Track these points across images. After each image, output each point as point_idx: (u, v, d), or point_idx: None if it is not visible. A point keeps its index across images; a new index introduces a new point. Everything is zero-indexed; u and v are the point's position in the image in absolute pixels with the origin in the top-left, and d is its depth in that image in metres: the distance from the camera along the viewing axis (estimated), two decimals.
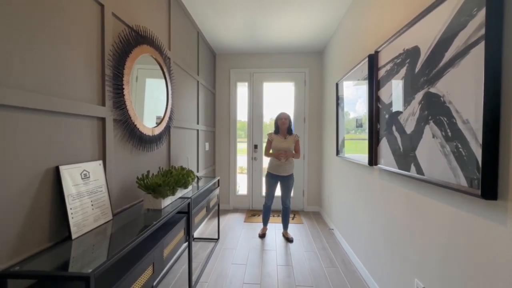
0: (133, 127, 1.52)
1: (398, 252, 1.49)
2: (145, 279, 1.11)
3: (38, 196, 0.94)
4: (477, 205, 0.93)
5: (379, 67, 1.70)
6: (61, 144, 1.04)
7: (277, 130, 2.73)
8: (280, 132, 2.70)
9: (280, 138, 2.68)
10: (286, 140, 2.66)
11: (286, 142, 2.66)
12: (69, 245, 0.98)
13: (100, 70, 1.26)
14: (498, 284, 0.83)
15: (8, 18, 0.82)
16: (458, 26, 0.98)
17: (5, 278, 0.78)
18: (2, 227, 0.81)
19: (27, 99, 0.87)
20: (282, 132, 2.69)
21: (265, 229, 2.84)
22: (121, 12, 1.42)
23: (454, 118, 1.00)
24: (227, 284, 1.89)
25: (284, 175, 2.66)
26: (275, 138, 2.69)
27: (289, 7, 2.46)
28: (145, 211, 1.43)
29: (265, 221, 2.83)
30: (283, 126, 2.68)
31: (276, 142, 2.67)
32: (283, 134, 2.69)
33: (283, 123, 2.67)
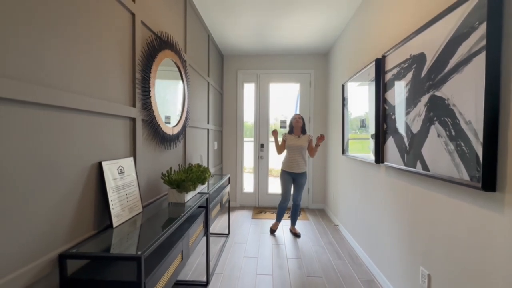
0: (157, 127, 1.63)
1: (404, 243, 1.60)
2: (176, 265, 1.23)
3: (86, 189, 1.05)
4: (477, 197, 1.04)
5: (386, 71, 1.81)
6: (102, 142, 1.15)
7: (291, 130, 2.85)
8: (294, 132, 2.82)
9: (294, 137, 2.79)
10: (300, 139, 2.77)
11: (300, 140, 2.76)
12: (111, 233, 1.09)
13: (131, 74, 1.37)
14: (496, 264, 0.95)
15: (68, 37, 0.93)
16: (462, 36, 1.09)
17: (65, 259, 0.89)
18: (61, 215, 0.92)
19: (79, 102, 0.98)
20: (296, 131, 2.81)
21: (277, 224, 2.90)
22: (148, 20, 1.53)
23: (457, 119, 1.11)
24: (242, 275, 2.01)
25: (298, 172, 2.75)
26: (289, 137, 2.81)
27: (296, 12, 2.56)
28: (169, 205, 1.54)
29: (279, 217, 2.89)
30: (297, 124, 2.79)
31: (290, 140, 2.77)
32: (297, 133, 2.81)
33: (297, 122, 2.79)
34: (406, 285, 1.56)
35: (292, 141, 2.76)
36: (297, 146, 2.73)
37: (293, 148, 2.75)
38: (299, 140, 2.76)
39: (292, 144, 2.75)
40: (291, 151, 2.77)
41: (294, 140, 2.77)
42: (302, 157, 2.76)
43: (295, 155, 2.74)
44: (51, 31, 0.87)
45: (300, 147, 2.74)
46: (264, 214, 3.61)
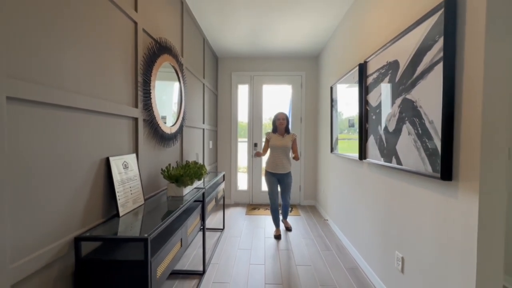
0: (157, 126, 1.76)
1: (382, 230, 1.77)
2: (176, 250, 1.36)
3: (95, 181, 1.17)
4: (438, 186, 1.21)
5: (367, 75, 1.98)
6: (109, 139, 1.27)
7: (275, 129, 2.82)
8: (278, 131, 2.81)
9: (278, 136, 2.77)
10: (284, 138, 2.75)
11: (284, 140, 2.74)
12: (118, 221, 1.22)
13: (134, 77, 1.50)
14: (453, 238, 1.12)
15: (81, 47, 1.05)
16: (427, 47, 1.26)
17: (79, 241, 1.01)
18: (75, 204, 1.04)
19: (91, 103, 1.10)
20: (280, 131, 2.79)
21: (278, 230, 2.78)
22: (149, 27, 1.66)
23: (423, 119, 1.28)
24: (236, 264, 2.14)
25: (282, 173, 2.74)
26: (272, 136, 2.78)
27: (288, 18, 2.72)
28: (168, 198, 1.67)
29: (277, 223, 2.81)
30: (281, 126, 2.78)
31: (273, 140, 2.75)
32: (280, 133, 2.79)
33: (281, 124, 2.77)
34: (384, 269, 1.73)
35: (276, 140, 2.73)
36: (282, 146, 2.71)
37: (277, 148, 2.72)
38: (283, 140, 2.73)
39: (276, 144, 2.71)
40: (275, 151, 2.73)
41: (278, 139, 2.73)
42: (287, 157, 2.75)
43: (280, 155, 2.71)
44: (68, 42, 0.99)
45: (285, 147, 2.71)
46: (257, 210, 3.76)
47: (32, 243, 0.85)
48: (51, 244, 0.92)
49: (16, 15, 0.78)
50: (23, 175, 0.81)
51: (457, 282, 1.10)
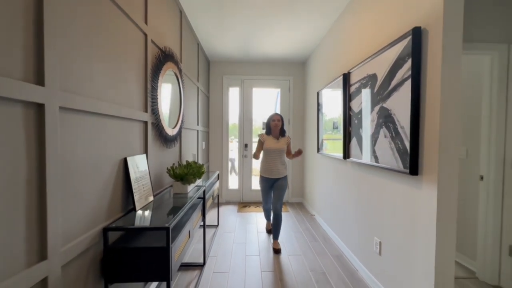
0: (162, 129, 1.90)
1: (363, 220, 2.03)
2: (186, 241, 1.52)
3: (117, 179, 1.31)
4: (408, 180, 1.47)
5: (350, 84, 2.24)
6: (126, 141, 1.41)
7: (269, 131, 2.63)
8: (272, 134, 2.61)
9: (272, 139, 2.58)
10: (279, 141, 2.57)
11: (279, 143, 2.56)
12: (135, 214, 1.36)
13: (144, 85, 1.64)
14: (419, 222, 1.38)
15: (107, 62, 1.19)
16: (399, 64, 1.52)
17: (107, 231, 1.15)
18: (102, 199, 1.18)
19: (114, 109, 1.24)
20: (275, 133, 2.59)
21: (269, 224, 2.92)
22: (156, 38, 1.80)
23: (396, 124, 1.54)
24: (233, 256, 2.32)
25: (277, 178, 2.54)
26: (267, 139, 2.58)
27: (277, 27, 2.94)
28: (174, 195, 1.82)
29: (268, 217, 2.88)
30: (275, 128, 2.57)
31: (268, 143, 2.55)
32: (275, 135, 2.59)
33: (276, 125, 2.56)
34: (365, 253, 1.99)
35: (270, 143, 2.54)
36: (277, 149, 2.52)
37: (271, 152, 2.52)
38: (278, 143, 2.55)
39: (271, 147, 2.52)
40: (269, 154, 2.54)
41: (272, 142, 2.55)
42: (281, 161, 2.56)
43: (274, 159, 2.53)
44: (97, 58, 1.13)
45: (280, 150, 2.53)
46: (248, 208, 3.95)
47: (74, 231, 0.99)
48: (87, 232, 1.06)
49: (61, 40, 0.92)
50: (68, 172, 0.95)
51: (421, 258, 1.36)
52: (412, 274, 1.43)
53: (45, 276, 0.83)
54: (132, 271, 1.16)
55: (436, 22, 1.26)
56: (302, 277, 2.00)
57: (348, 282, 1.93)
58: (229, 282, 1.92)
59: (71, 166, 0.97)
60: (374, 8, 1.89)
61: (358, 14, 2.16)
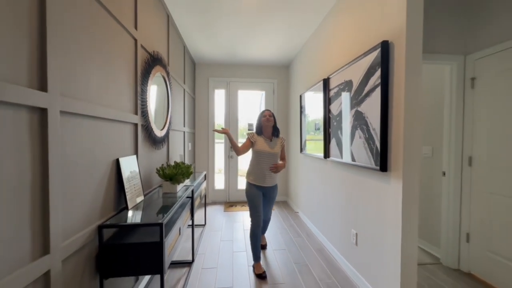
0: (151, 131, 1.95)
1: (342, 214, 2.20)
2: (177, 237, 1.59)
3: (110, 179, 1.36)
4: (379, 176, 1.65)
5: (330, 89, 2.41)
6: (118, 142, 1.47)
7: (260, 130, 2.17)
8: (263, 133, 2.16)
9: (265, 140, 2.13)
10: (272, 143, 2.14)
11: (273, 146, 2.12)
12: (127, 213, 1.42)
13: (134, 88, 1.69)
14: (387, 212, 1.56)
15: (101, 67, 1.24)
16: (371, 73, 1.69)
17: (102, 228, 1.21)
18: (96, 198, 1.24)
19: (108, 112, 1.30)
20: (266, 133, 2.16)
21: (259, 265, 2.06)
22: (145, 43, 1.86)
23: (369, 127, 1.72)
24: (221, 253, 2.41)
25: (270, 186, 2.18)
26: (258, 139, 2.12)
27: (261, 33, 3.07)
28: (164, 194, 1.88)
29: (257, 254, 2.08)
30: (267, 124, 2.13)
31: (260, 145, 2.10)
32: (267, 135, 2.16)
33: (267, 121, 2.13)
34: (343, 244, 2.16)
35: (262, 146, 2.10)
36: (271, 154, 2.10)
37: (264, 155, 2.09)
38: (272, 146, 2.12)
39: (264, 150, 2.09)
40: (261, 158, 2.10)
41: (265, 144, 2.11)
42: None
43: (268, 165, 2.10)
44: (93, 65, 1.19)
45: (274, 155, 2.13)
46: (234, 207, 4.04)
47: (72, 228, 1.04)
48: (83, 230, 1.12)
49: (61, 48, 0.98)
50: (67, 172, 1.01)
51: (390, 244, 1.54)
52: (383, 260, 1.61)
53: (48, 269, 0.89)
54: (127, 265, 1.23)
55: (400, 37, 1.44)
56: (287, 269, 2.13)
57: (328, 272, 2.09)
58: (218, 277, 2.01)
59: (70, 167, 1.03)
60: (350, 21, 2.07)
61: (336, 25, 2.34)
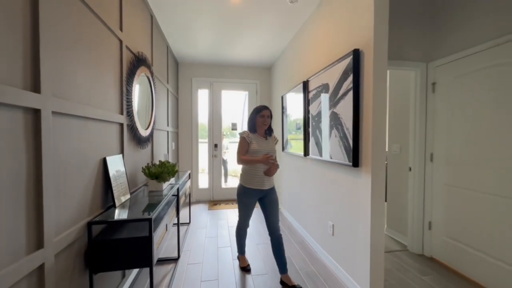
0: (136, 130, 1.99)
1: (320, 208, 2.36)
2: (164, 233, 1.66)
3: (97, 177, 1.40)
4: (352, 171, 1.82)
5: (309, 91, 2.57)
6: (105, 142, 1.50)
7: (253, 128, 2.00)
8: (258, 131, 2.01)
9: (260, 138, 1.98)
10: (268, 142, 2.00)
11: (269, 144, 1.99)
12: (115, 210, 1.46)
13: (120, 88, 1.72)
14: (359, 204, 1.73)
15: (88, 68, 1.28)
16: (345, 77, 1.85)
17: (91, 225, 1.25)
18: (85, 196, 1.27)
19: (96, 112, 1.34)
20: (261, 131, 2.01)
21: (244, 258, 2.16)
22: (130, 43, 1.89)
23: (343, 126, 1.88)
24: (206, 249, 2.49)
25: (268, 188, 1.96)
26: (254, 138, 1.94)
27: (244, 34, 3.17)
28: (149, 192, 1.92)
29: (242, 249, 2.14)
30: (263, 126, 1.99)
31: (257, 144, 1.93)
32: (261, 133, 2.01)
33: (265, 122, 1.97)
34: (321, 236, 2.33)
35: (259, 144, 1.94)
36: (268, 151, 1.93)
37: (261, 155, 1.89)
38: (268, 144, 1.98)
39: (261, 149, 1.92)
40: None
41: (261, 143, 1.95)
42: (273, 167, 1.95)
43: (266, 165, 1.92)
44: (81, 66, 1.23)
45: (272, 153, 1.95)
46: (219, 205, 4.11)
47: (63, 224, 1.08)
48: (73, 226, 1.16)
49: (53, 51, 1.02)
50: (60, 170, 1.05)
51: (361, 233, 1.71)
52: (356, 247, 1.78)
53: (42, 262, 0.93)
54: (116, 260, 1.28)
55: (368, 46, 1.61)
56: (270, 262, 2.25)
57: (308, 261, 2.25)
58: (204, 271, 2.08)
59: (61, 166, 1.07)
60: (327, 28, 2.23)
61: (315, 30, 2.50)
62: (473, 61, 1.93)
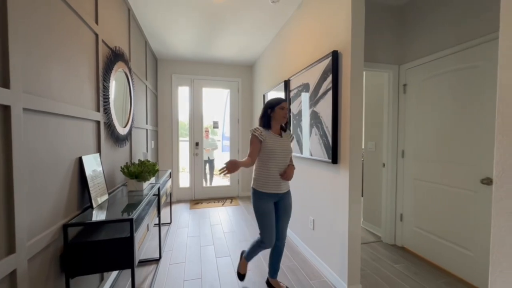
0: (114, 128, 1.91)
1: (302, 204, 2.44)
2: (145, 233, 1.62)
3: (73, 177, 1.33)
4: (331, 167, 1.90)
5: (290, 90, 2.62)
6: (81, 140, 1.43)
7: (268, 123, 1.71)
8: (272, 128, 1.72)
9: (275, 136, 1.69)
10: (283, 139, 1.71)
11: (284, 141, 1.71)
12: (92, 212, 1.40)
13: (96, 85, 1.65)
14: (338, 198, 1.81)
15: (62, 63, 1.21)
16: (324, 77, 1.93)
17: (67, 227, 1.20)
18: (60, 198, 1.21)
19: (70, 109, 1.27)
20: (276, 128, 1.72)
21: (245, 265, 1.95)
22: (107, 38, 1.81)
23: (323, 125, 1.95)
24: (188, 248, 2.46)
25: (285, 192, 1.73)
26: (268, 136, 1.66)
27: (226, 33, 3.16)
28: (129, 192, 1.87)
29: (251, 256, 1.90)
30: (282, 121, 1.71)
31: (272, 142, 1.66)
32: (276, 130, 1.72)
33: (285, 115, 1.70)
34: (302, 231, 2.41)
35: (275, 142, 1.67)
36: (284, 150, 1.69)
37: (278, 154, 1.66)
38: (283, 142, 1.71)
39: (277, 147, 1.66)
40: (275, 159, 1.66)
41: (277, 140, 1.68)
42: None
43: (283, 166, 1.68)
44: (54, 61, 1.16)
45: (288, 152, 1.72)
46: (201, 204, 4.07)
47: (37, 227, 1.03)
48: (48, 229, 1.10)
49: (23, 44, 0.96)
50: (32, 170, 0.99)
51: (340, 225, 1.79)
52: (334, 240, 1.87)
53: (13, 268, 0.88)
54: (95, 263, 1.23)
55: (346, 48, 1.69)
56: (254, 259, 2.28)
57: (290, 256, 2.31)
58: (186, 271, 2.07)
59: (33, 165, 1.01)
60: (308, 29, 2.30)
61: (296, 31, 2.55)
62: (438, 65, 2.10)
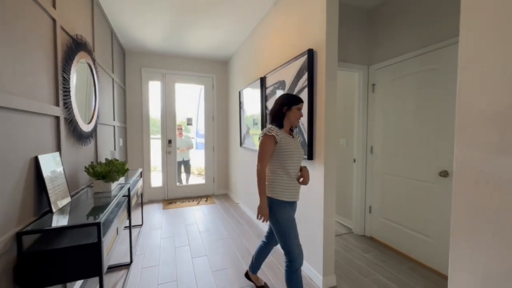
0: (76, 124, 1.74)
1: None
2: (114, 238, 1.51)
3: (28, 180, 1.18)
4: (307, 164, 1.94)
5: (266, 87, 2.63)
6: (36, 138, 1.28)
7: (281, 122, 1.52)
8: (284, 128, 1.53)
9: (288, 136, 1.52)
10: (295, 140, 1.55)
11: (296, 143, 1.54)
12: (52, 216, 1.27)
13: (54, 76, 1.48)
14: (315, 192, 1.86)
15: (8, 48, 1.06)
16: (300, 75, 1.95)
17: (21, 235, 1.06)
18: (12, 203, 1.07)
19: (20, 103, 1.12)
20: (286, 128, 1.54)
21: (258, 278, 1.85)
22: (66, 25, 1.63)
23: (300, 123, 1.98)
24: (162, 250, 2.36)
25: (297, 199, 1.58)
26: (283, 136, 1.48)
27: (200, 25, 3.05)
28: (95, 194, 1.72)
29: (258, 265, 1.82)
30: (297, 120, 1.54)
31: (287, 142, 1.48)
32: (286, 130, 1.55)
33: (298, 119, 1.54)
34: None
35: (290, 142, 1.49)
36: (300, 151, 1.53)
37: (295, 156, 1.50)
38: (297, 144, 1.55)
39: (294, 148, 1.49)
40: (292, 161, 1.49)
41: (292, 141, 1.51)
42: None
43: (298, 169, 1.54)
44: (6, 48, 1.01)
45: (302, 154, 1.58)
46: (174, 204, 3.93)
47: None
48: None
49: None
50: None
51: (316, 218, 1.85)
52: (311, 234, 1.92)
53: None
54: (56, 272, 1.11)
55: (321, 47, 1.73)
56: (230, 256, 2.27)
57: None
58: (160, 274, 1.98)
59: None
60: (284, 26, 2.31)
61: (272, 27, 2.56)
62: (404, 67, 2.25)
